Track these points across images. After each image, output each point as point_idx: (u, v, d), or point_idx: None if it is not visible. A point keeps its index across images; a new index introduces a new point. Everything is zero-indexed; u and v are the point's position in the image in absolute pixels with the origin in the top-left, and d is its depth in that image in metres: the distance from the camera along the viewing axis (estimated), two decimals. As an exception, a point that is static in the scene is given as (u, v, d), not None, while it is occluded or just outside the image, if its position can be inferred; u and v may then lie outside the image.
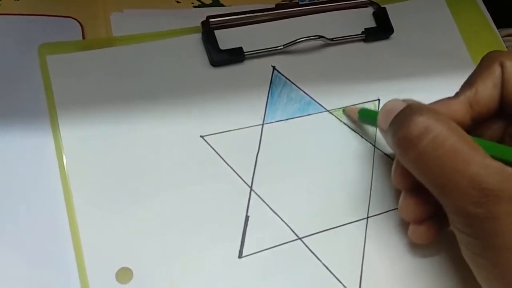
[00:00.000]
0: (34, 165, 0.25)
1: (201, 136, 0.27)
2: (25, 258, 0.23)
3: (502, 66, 0.23)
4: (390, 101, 0.23)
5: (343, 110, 0.29)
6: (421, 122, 0.20)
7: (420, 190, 0.22)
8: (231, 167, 0.26)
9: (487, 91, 0.23)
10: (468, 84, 0.23)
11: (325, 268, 0.25)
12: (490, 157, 0.19)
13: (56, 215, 0.24)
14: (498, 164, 0.19)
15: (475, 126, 0.24)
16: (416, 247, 0.26)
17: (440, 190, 0.20)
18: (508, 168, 0.19)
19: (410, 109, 0.21)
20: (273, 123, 0.28)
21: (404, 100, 0.23)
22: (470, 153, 0.19)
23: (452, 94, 0.25)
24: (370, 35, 0.32)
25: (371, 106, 0.30)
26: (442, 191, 0.20)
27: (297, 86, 0.29)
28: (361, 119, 0.28)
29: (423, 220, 0.24)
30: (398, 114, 0.22)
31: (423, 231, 0.24)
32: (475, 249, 0.20)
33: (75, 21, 0.30)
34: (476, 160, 0.19)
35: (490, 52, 0.24)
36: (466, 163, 0.19)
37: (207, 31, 0.29)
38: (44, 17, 0.29)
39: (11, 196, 0.24)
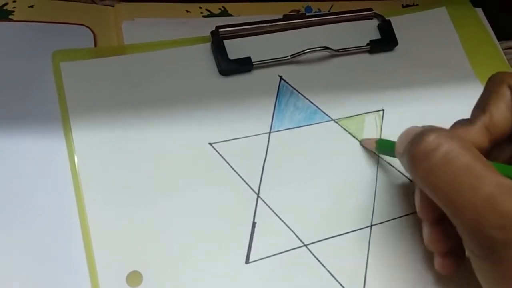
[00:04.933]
0: (47, 168, 0.25)
1: (209, 143, 0.27)
2: (36, 260, 0.23)
3: (511, 88, 0.23)
4: (408, 127, 0.23)
5: (360, 142, 0.29)
6: (433, 138, 0.20)
7: (445, 221, 0.21)
8: (238, 174, 0.27)
9: (501, 113, 0.23)
10: (480, 109, 0.24)
11: (329, 274, 0.26)
12: (503, 177, 0.19)
13: (68, 218, 0.24)
14: (511, 183, 0.19)
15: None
16: (419, 255, 0.26)
17: (453, 209, 0.20)
18: None
19: (425, 129, 0.21)
20: (280, 132, 0.29)
21: (423, 126, 0.23)
22: (483, 170, 0.19)
23: (453, 104, 0.25)
24: (375, 47, 0.33)
25: (375, 116, 0.31)
26: (456, 210, 0.19)
27: (303, 96, 0.30)
28: (379, 149, 0.28)
29: (450, 252, 0.24)
30: (413, 136, 0.22)
31: (449, 263, 0.24)
32: (493, 274, 0.19)
33: (88, 28, 0.30)
34: (490, 178, 0.19)
35: (496, 74, 0.24)
36: (479, 179, 0.19)
37: (217, 40, 0.30)
38: (57, 24, 0.30)
39: (23, 197, 0.25)
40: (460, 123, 0.24)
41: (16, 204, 0.24)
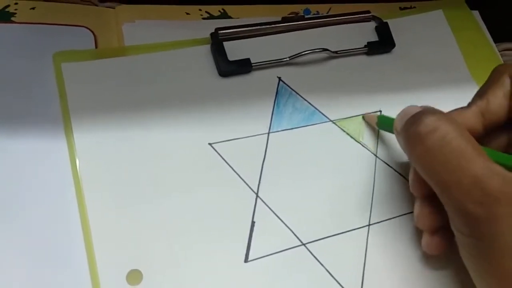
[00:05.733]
0: (48, 168, 0.26)
1: (209, 144, 0.28)
2: (37, 259, 0.24)
3: (511, 78, 0.24)
4: (408, 106, 0.24)
5: (363, 117, 0.30)
6: (431, 121, 0.21)
7: (435, 199, 0.22)
8: (238, 174, 0.27)
9: (498, 100, 0.24)
10: (479, 96, 0.25)
11: (328, 273, 0.26)
12: (493, 162, 0.20)
13: (68, 217, 0.25)
14: (500, 168, 0.20)
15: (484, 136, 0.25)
16: (417, 254, 0.27)
17: (442, 187, 0.21)
18: (510, 173, 0.20)
19: (424, 111, 0.22)
20: (278, 132, 0.29)
21: (421, 106, 0.24)
22: (474, 154, 0.20)
23: (450, 105, 0.26)
24: (372, 49, 0.33)
25: (373, 117, 0.31)
26: (444, 188, 0.21)
27: (302, 97, 0.30)
28: (380, 125, 0.29)
29: (437, 230, 0.24)
30: (412, 115, 0.23)
31: (436, 242, 0.24)
32: (473, 250, 0.20)
33: (88, 30, 0.31)
34: (480, 161, 0.20)
35: (499, 65, 0.25)
36: (469, 162, 0.20)
37: (216, 42, 0.30)
38: (58, 26, 0.30)
39: (25, 198, 0.25)
40: (458, 108, 0.25)
41: (17, 204, 0.25)
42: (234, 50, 0.30)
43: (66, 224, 0.25)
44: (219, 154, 0.27)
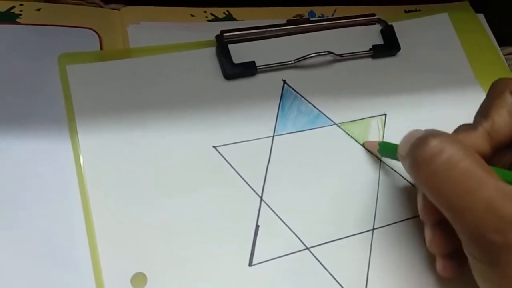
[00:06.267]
0: (53, 169, 0.26)
1: (213, 147, 0.28)
2: (41, 261, 0.24)
3: None
4: (411, 130, 0.23)
5: (363, 144, 0.30)
6: (436, 143, 0.21)
7: (446, 223, 0.21)
8: (242, 177, 0.27)
9: (503, 119, 0.23)
10: (483, 116, 0.24)
11: (331, 277, 0.26)
12: (503, 182, 0.19)
13: (73, 219, 0.25)
14: (511, 188, 0.19)
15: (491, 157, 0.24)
16: (421, 259, 0.27)
17: (453, 213, 0.20)
18: None
19: (428, 133, 0.22)
20: (283, 135, 0.29)
21: (425, 130, 0.23)
22: (484, 176, 0.19)
23: (454, 109, 0.25)
24: (377, 52, 0.33)
25: (378, 121, 0.31)
26: (456, 214, 0.20)
27: (306, 100, 0.30)
28: (382, 151, 0.28)
29: (451, 254, 0.24)
30: (416, 139, 0.22)
31: (451, 265, 0.24)
32: (491, 277, 0.20)
33: (94, 32, 0.31)
34: (490, 183, 0.19)
35: (498, 80, 0.25)
36: (480, 184, 0.19)
37: (221, 45, 0.30)
38: (63, 27, 0.30)
39: (29, 198, 0.25)
40: (463, 128, 0.24)
41: (21, 205, 0.25)
42: (239, 52, 0.30)
43: (70, 225, 0.25)
44: (223, 157, 0.27)
